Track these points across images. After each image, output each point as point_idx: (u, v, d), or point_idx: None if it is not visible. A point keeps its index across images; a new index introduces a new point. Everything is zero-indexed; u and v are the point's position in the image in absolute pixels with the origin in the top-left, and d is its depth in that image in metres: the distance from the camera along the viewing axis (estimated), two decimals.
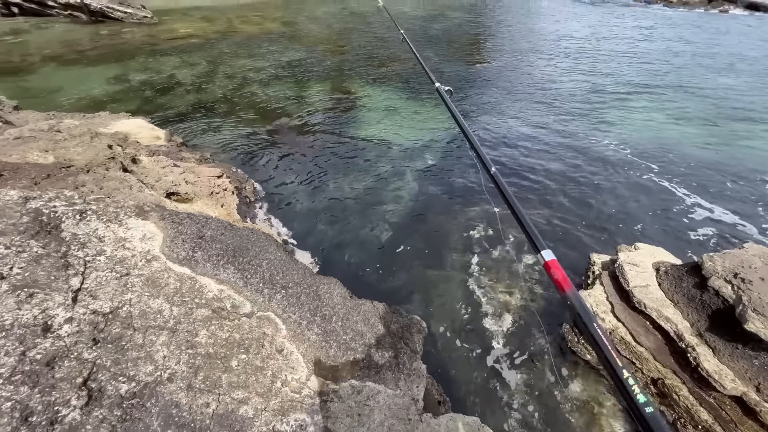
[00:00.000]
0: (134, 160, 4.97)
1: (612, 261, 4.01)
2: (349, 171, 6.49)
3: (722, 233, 5.18)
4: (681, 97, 10.07)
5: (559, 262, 0.43)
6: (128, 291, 2.16)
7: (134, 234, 2.48)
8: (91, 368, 1.81)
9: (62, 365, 1.78)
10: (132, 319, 2.04)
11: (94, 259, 2.23)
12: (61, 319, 1.93)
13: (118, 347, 1.92)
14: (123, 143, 5.63)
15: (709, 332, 3.11)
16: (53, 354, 1.80)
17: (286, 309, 2.33)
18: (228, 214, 4.72)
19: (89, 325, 1.95)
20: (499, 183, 0.70)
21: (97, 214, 2.52)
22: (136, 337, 1.99)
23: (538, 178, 6.29)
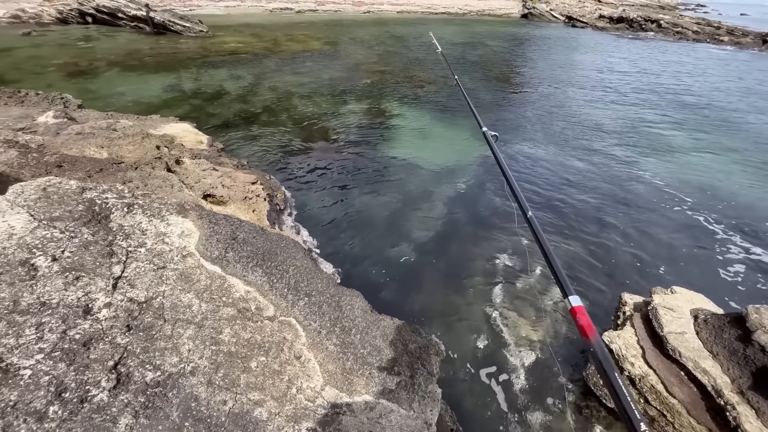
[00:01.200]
0: (178, 161, 5.28)
1: (645, 303, 3.82)
2: (377, 187, 6.59)
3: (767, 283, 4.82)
4: (723, 135, 9.63)
5: (585, 309, 0.44)
6: (163, 283, 2.27)
7: (173, 230, 2.62)
8: (122, 353, 1.90)
9: (97, 347, 1.88)
10: (164, 310, 2.14)
11: (135, 250, 2.37)
12: (101, 303, 2.04)
13: (149, 336, 2.01)
14: (169, 145, 6.01)
15: (752, 391, 2.87)
16: (90, 335, 1.91)
17: (308, 316, 2.37)
18: (258, 219, 4.89)
19: (125, 311, 2.05)
20: (534, 227, 0.71)
21: (143, 209, 2.69)
22: (165, 328, 2.07)
23: (569, 212, 6.13)
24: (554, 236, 5.50)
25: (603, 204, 6.38)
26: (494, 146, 1.35)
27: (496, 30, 27.38)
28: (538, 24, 32.91)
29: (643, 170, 7.65)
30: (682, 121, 10.58)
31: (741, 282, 4.84)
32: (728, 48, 24.11)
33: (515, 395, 3.39)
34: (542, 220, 5.87)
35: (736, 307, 3.83)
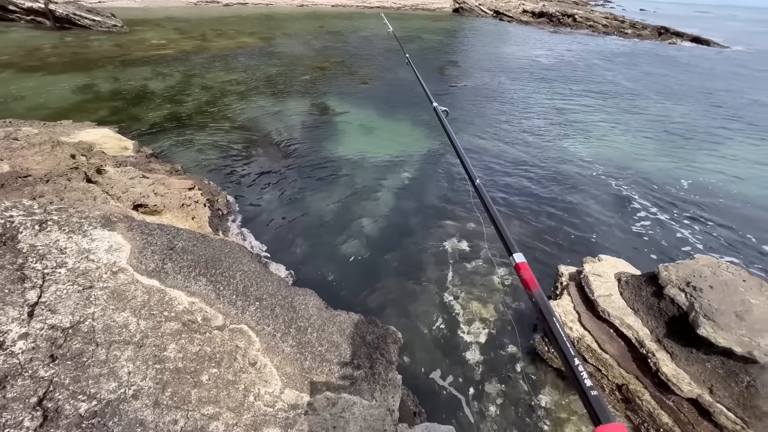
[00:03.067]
0: (99, 170, 4.77)
1: (578, 272, 4.20)
2: (325, 185, 6.50)
3: (676, 244, 5.55)
4: (633, 116, 10.85)
5: (528, 265, 0.49)
6: (91, 304, 2.05)
7: (99, 245, 2.38)
8: (47, 387, 1.70)
9: (15, 384, 1.66)
10: (95, 333, 1.94)
11: (53, 272, 2.12)
12: (15, 335, 1.80)
13: (79, 364, 1.82)
14: (87, 153, 5.40)
15: (666, 338, 3.29)
16: (5, 372, 1.68)
17: (260, 321, 2.29)
18: (199, 227, 4.60)
19: (46, 341, 1.83)
20: (481, 193, 0.77)
21: (59, 225, 2.40)
22: (98, 352, 1.89)
23: (508, 195, 6.54)
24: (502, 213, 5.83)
25: (536, 184, 6.89)
26: (444, 120, 1.41)
27: (430, 24, 28.11)
28: (469, 18, 34.36)
29: (570, 150, 8.38)
30: (599, 105, 11.73)
31: (654, 244, 5.52)
32: (632, 39, 27.10)
33: (473, 370, 3.58)
34: (476, 201, 6.19)
35: (651, 268, 4.36)
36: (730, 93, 14.09)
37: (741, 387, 2.90)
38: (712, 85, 15.13)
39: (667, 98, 13.03)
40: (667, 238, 5.69)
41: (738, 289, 3.20)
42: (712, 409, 2.99)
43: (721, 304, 3.05)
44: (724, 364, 2.98)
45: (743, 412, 2.87)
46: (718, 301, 3.07)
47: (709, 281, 3.26)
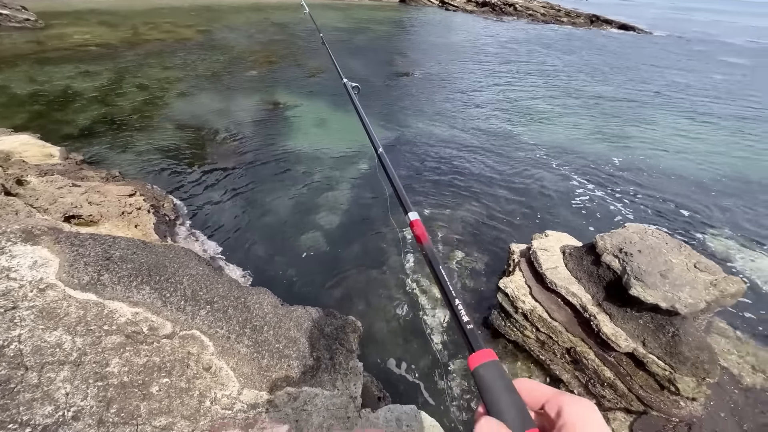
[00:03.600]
0: (20, 181, 4.32)
1: (528, 249, 4.46)
2: (280, 181, 6.35)
3: (610, 215, 6.04)
4: (570, 99, 11.59)
5: (421, 222, 0.54)
6: (16, 326, 1.88)
7: (22, 262, 2.17)
8: None
9: None
10: (23, 357, 1.78)
11: None
12: None
13: (6, 391, 1.66)
14: (4, 163, 4.86)
15: (605, 301, 3.60)
16: None
17: (213, 324, 2.22)
18: (144, 235, 4.32)
19: None
20: (383, 161, 0.80)
21: None
22: (29, 376, 1.74)
23: (460, 180, 6.76)
24: (448, 205, 6.01)
25: (486, 168, 7.18)
26: (352, 94, 1.40)
27: (377, 14, 27.98)
28: (416, 7, 34.60)
29: (515, 133, 8.80)
30: (540, 89, 12.38)
31: (592, 216, 5.98)
32: (567, 27, 28.76)
33: (436, 350, 3.71)
34: (434, 192, 6.35)
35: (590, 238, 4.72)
36: (653, 74, 15.42)
37: (667, 337, 3.25)
38: (638, 68, 16.47)
39: (600, 81, 14.02)
40: (603, 210, 6.18)
41: (662, 251, 3.56)
42: (646, 359, 3.33)
43: (648, 265, 3.38)
44: (653, 319, 3.32)
45: (670, 359, 3.23)
46: (646, 264, 3.40)
47: (637, 246, 3.60)
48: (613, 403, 3.53)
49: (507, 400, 0.38)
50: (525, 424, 0.36)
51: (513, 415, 0.37)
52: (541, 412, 0.39)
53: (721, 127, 10.02)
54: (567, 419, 0.34)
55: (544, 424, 0.38)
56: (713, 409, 3.38)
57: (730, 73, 16.58)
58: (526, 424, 0.36)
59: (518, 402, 0.38)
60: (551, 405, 0.36)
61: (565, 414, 0.34)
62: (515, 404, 0.38)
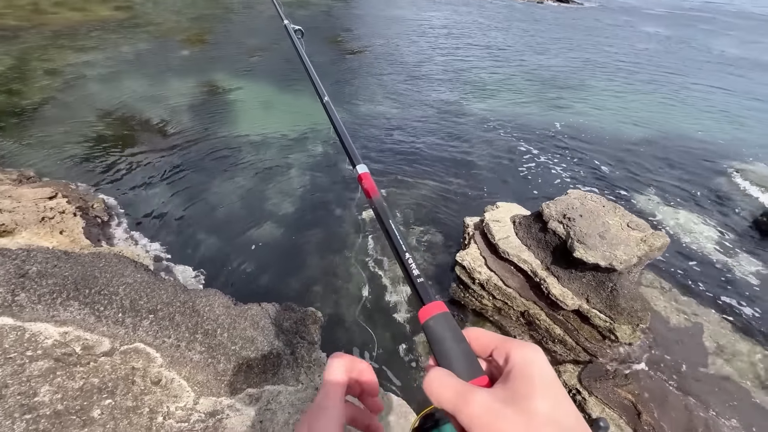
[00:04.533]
0: None
1: (481, 221, 4.60)
2: (226, 171, 5.97)
3: (555, 182, 6.40)
4: (516, 71, 11.94)
5: (370, 174, 0.52)
6: None
7: None
8: None
9: None
10: None
11: None
12: None
13: None
14: None
15: (553, 265, 3.84)
16: None
17: (158, 334, 2.06)
18: (72, 241, 3.89)
19: None
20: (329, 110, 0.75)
21: None
22: None
23: (412, 159, 6.77)
24: (402, 185, 6.03)
25: (436, 144, 7.25)
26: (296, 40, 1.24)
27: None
28: None
29: (463, 105, 8.94)
30: (485, 60, 12.59)
31: (539, 185, 6.30)
32: (509, 0, 29.28)
33: (402, 327, 3.78)
34: (386, 171, 6.33)
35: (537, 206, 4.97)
36: (585, 44, 16.22)
37: (607, 292, 3.55)
38: (575, 38, 17.24)
39: (539, 52, 14.51)
40: (547, 176, 6.52)
41: (600, 214, 3.82)
42: (590, 314, 3.63)
43: (589, 228, 3.63)
44: (595, 277, 3.59)
45: (610, 311, 3.54)
46: (586, 227, 3.63)
47: (579, 211, 3.83)
48: (563, 357, 3.84)
49: (456, 350, 0.39)
50: (474, 372, 0.38)
51: (462, 365, 0.38)
52: (489, 359, 0.40)
53: (646, 92, 10.86)
54: (513, 363, 0.35)
55: (492, 371, 0.39)
56: (646, 348, 3.79)
57: (651, 41, 17.89)
58: (475, 372, 0.38)
59: (467, 351, 0.39)
60: (499, 351, 0.38)
61: (512, 358, 0.36)
62: (464, 353, 0.39)
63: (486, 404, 0.33)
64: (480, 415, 0.32)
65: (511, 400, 0.33)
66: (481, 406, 0.33)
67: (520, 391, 0.33)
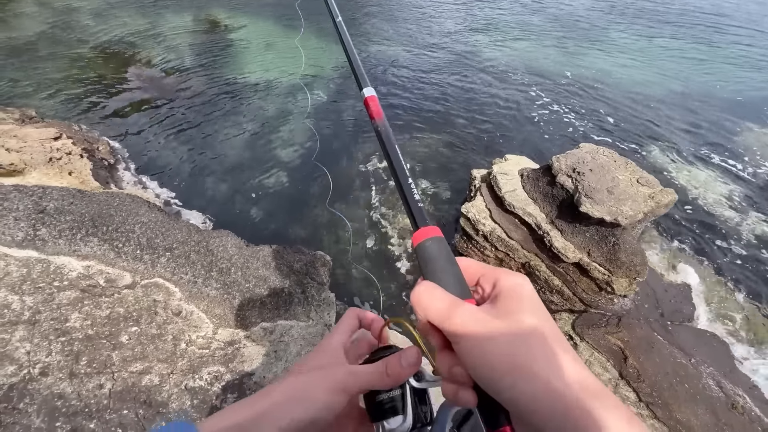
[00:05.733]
0: None
1: (488, 174, 4.57)
2: (230, 115, 5.83)
3: (568, 135, 6.23)
4: (537, 18, 11.10)
5: (377, 98, 0.52)
6: None
7: None
8: None
9: None
10: None
11: None
12: None
13: None
14: None
15: (558, 219, 3.87)
16: None
17: (176, 271, 2.16)
18: (82, 183, 3.93)
19: None
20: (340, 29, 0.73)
21: None
22: None
23: (425, 107, 6.54)
24: (411, 134, 5.89)
25: (449, 92, 6.97)
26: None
27: None
28: None
29: (478, 53, 8.45)
30: (504, 3, 11.66)
31: (551, 137, 6.14)
32: None
33: (402, 274, 3.92)
34: (395, 120, 6.15)
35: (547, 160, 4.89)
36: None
37: (609, 246, 3.62)
38: None
39: None
40: (560, 128, 6.34)
41: (610, 169, 3.77)
42: (589, 267, 3.72)
43: (598, 183, 3.60)
44: (598, 231, 3.64)
45: (610, 264, 3.63)
46: (596, 181, 3.61)
47: (589, 165, 3.78)
48: (559, 306, 4.01)
49: (448, 270, 0.38)
50: (463, 294, 0.37)
51: (452, 285, 0.37)
52: (476, 287, 0.40)
53: (668, 48, 10.15)
54: (502, 286, 0.36)
55: (478, 302, 0.39)
56: (640, 301, 3.95)
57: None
58: (464, 294, 0.37)
59: (458, 273, 0.39)
60: (487, 278, 0.38)
61: (500, 282, 0.36)
62: (455, 275, 0.38)
63: (475, 315, 0.33)
64: (468, 324, 0.32)
65: (498, 314, 0.33)
66: (470, 316, 0.33)
67: (509, 307, 0.33)
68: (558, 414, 0.28)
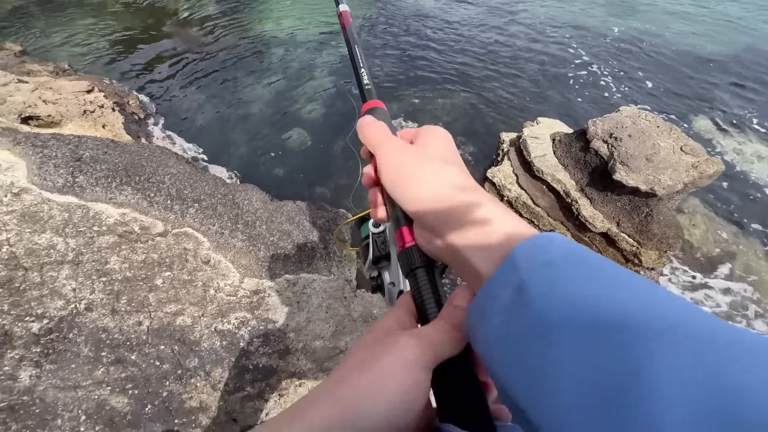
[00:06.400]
0: None
1: (518, 137, 4.37)
2: (255, 71, 5.75)
3: (607, 97, 5.80)
4: None
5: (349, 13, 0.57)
6: (1, 231, 1.86)
7: None
8: None
9: None
10: (18, 259, 1.81)
11: None
12: None
13: (12, 290, 1.73)
14: None
15: (588, 186, 3.71)
16: None
17: (204, 222, 2.24)
18: (114, 136, 4.05)
19: None
20: None
21: None
22: (30, 276, 1.79)
23: (452, 64, 6.21)
24: (436, 93, 5.64)
25: (479, 47, 6.55)
26: None
27: None
28: None
29: (517, 6, 7.81)
30: None
31: (588, 99, 5.74)
32: None
33: None
34: (421, 78, 5.88)
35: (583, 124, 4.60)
36: None
37: (641, 217, 3.46)
38: None
39: None
40: (599, 91, 5.91)
41: (651, 135, 3.52)
42: (617, 238, 3.60)
43: (636, 150, 3.38)
44: (631, 201, 3.47)
45: (640, 236, 3.50)
46: (634, 148, 3.39)
47: (628, 131, 3.54)
48: None
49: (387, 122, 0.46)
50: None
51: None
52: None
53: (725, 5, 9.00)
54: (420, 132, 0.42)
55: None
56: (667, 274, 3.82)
57: None
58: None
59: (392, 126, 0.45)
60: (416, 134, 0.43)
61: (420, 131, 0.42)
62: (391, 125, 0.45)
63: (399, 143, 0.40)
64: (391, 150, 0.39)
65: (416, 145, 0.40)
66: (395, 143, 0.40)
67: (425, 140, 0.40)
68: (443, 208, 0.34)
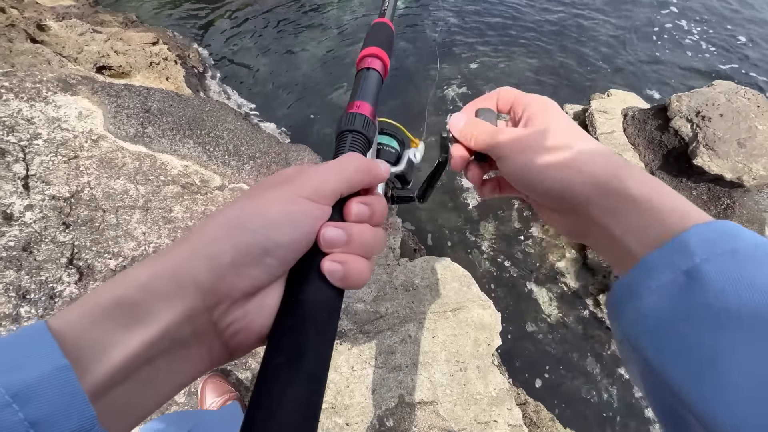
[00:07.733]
0: (40, 26, 4.09)
1: (584, 110, 4.00)
2: (309, 29, 5.64)
3: (701, 68, 5.08)
4: None
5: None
6: (83, 174, 2.03)
7: (68, 112, 2.20)
8: (72, 249, 1.84)
9: (41, 249, 1.80)
10: (97, 201, 1.99)
11: (31, 144, 2.02)
12: (21, 207, 1.85)
13: (93, 228, 1.92)
14: (18, 4, 4.53)
15: (660, 170, 3.36)
16: (26, 240, 1.79)
17: (258, 178, 2.31)
18: (177, 89, 4.21)
19: (53, 210, 1.89)
20: None
21: (14, 92, 2.17)
22: (108, 217, 1.97)
23: (512, 22, 5.68)
24: (495, 57, 5.23)
25: (549, 8, 5.91)
26: None
27: None
28: None
29: None
30: None
31: (675, 71, 5.06)
32: None
33: (470, 212, 3.82)
34: (480, 42, 5.45)
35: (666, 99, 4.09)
36: None
37: (719, 209, 3.10)
38: None
39: None
40: (689, 63, 5.18)
41: (749, 115, 3.06)
42: None
43: (726, 132, 2.97)
44: (710, 191, 3.11)
45: None
46: (724, 130, 2.98)
47: (720, 109, 3.10)
48: None
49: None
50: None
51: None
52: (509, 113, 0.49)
53: None
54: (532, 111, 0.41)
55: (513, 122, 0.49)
56: None
57: None
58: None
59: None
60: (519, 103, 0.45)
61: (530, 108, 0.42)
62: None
63: (515, 132, 0.40)
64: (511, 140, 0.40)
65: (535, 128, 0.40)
66: (512, 133, 0.40)
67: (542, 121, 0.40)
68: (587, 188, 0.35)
